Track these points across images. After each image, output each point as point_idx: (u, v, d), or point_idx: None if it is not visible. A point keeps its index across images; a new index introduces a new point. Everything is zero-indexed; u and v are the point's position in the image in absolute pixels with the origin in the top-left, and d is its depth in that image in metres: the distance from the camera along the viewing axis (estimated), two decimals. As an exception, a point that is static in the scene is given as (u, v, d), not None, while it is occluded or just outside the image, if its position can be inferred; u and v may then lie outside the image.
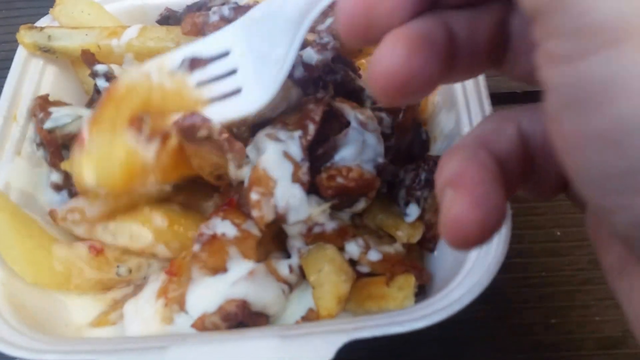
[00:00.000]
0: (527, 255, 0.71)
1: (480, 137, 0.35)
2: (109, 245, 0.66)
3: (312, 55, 0.65)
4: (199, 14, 0.71)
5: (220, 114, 0.57)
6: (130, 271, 0.67)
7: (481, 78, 0.67)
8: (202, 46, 0.59)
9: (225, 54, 0.58)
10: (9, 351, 0.54)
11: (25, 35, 0.76)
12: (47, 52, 0.76)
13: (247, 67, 0.56)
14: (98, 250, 0.66)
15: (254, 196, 0.57)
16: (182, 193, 0.66)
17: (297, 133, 0.60)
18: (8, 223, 0.62)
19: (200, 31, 0.70)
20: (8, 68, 0.76)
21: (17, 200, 0.68)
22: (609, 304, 0.68)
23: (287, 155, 0.58)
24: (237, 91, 0.57)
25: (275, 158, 0.58)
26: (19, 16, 1.00)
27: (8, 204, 0.65)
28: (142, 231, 0.65)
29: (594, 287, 0.69)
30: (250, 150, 0.62)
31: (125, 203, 0.66)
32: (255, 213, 0.57)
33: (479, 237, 0.32)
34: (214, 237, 0.59)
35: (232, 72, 0.57)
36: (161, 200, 0.67)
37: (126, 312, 0.64)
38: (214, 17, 0.70)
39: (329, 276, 0.58)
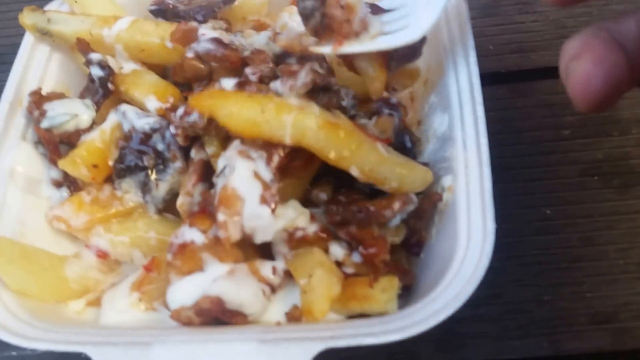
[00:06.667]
0: (517, 234, 0.68)
1: (601, 24, 0.39)
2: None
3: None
4: (192, 28, 0.67)
5: (388, 42, 0.62)
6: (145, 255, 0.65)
7: (475, 81, 0.64)
8: None
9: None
10: (4, 336, 0.54)
11: (27, 17, 0.74)
12: (45, 34, 0.74)
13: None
14: (105, 253, 0.65)
15: (220, 217, 0.55)
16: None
17: (274, 161, 0.58)
18: (20, 268, 0.61)
19: (187, 44, 0.67)
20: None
21: (23, 187, 0.66)
22: (601, 280, 0.66)
23: (257, 175, 0.56)
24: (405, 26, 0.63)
25: (245, 177, 0.56)
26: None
27: (15, 248, 0.63)
28: (134, 251, 0.65)
29: (585, 264, 0.67)
30: (220, 161, 0.59)
31: (117, 211, 0.66)
32: (221, 234, 0.55)
33: (604, 93, 0.37)
34: (183, 245, 0.57)
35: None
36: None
37: (103, 302, 0.63)
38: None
39: (321, 280, 0.56)
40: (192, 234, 0.57)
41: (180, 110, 0.61)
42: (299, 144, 0.57)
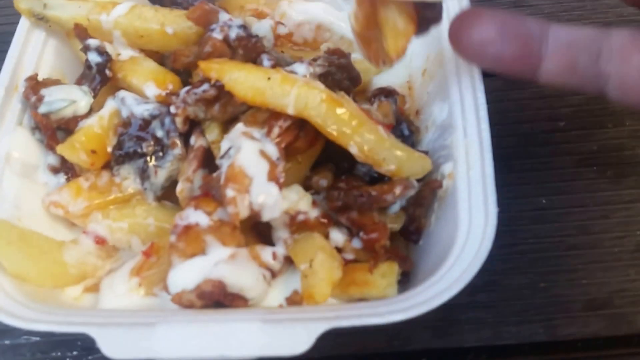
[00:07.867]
0: (514, 223, 0.68)
1: None
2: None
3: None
4: (214, 10, 0.66)
5: None
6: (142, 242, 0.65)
7: (475, 68, 0.63)
8: None
9: None
10: (3, 319, 0.53)
11: (22, 1, 0.73)
12: (41, 20, 0.72)
13: None
14: (103, 239, 0.64)
15: (229, 193, 0.54)
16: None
17: (274, 133, 0.58)
18: (19, 251, 0.60)
19: (205, 26, 0.66)
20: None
21: (19, 172, 0.66)
22: (596, 267, 0.67)
23: (263, 153, 0.56)
24: None
25: (252, 156, 0.55)
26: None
27: (13, 231, 0.62)
28: (132, 237, 0.65)
29: (580, 252, 0.68)
30: (224, 143, 0.59)
31: (115, 197, 0.65)
32: (230, 209, 0.54)
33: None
34: (187, 227, 0.57)
35: None
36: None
37: (101, 287, 0.63)
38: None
39: (322, 264, 0.56)
40: (197, 216, 0.57)
41: (187, 88, 0.61)
42: (301, 114, 0.57)
